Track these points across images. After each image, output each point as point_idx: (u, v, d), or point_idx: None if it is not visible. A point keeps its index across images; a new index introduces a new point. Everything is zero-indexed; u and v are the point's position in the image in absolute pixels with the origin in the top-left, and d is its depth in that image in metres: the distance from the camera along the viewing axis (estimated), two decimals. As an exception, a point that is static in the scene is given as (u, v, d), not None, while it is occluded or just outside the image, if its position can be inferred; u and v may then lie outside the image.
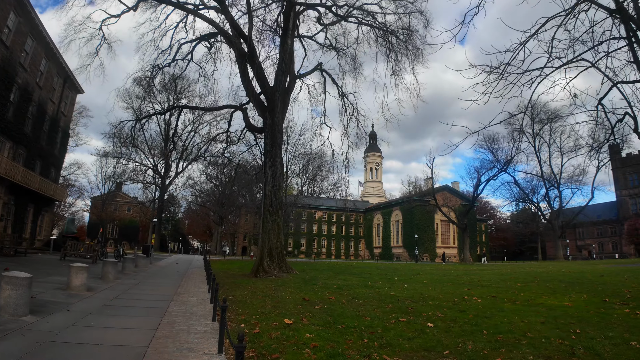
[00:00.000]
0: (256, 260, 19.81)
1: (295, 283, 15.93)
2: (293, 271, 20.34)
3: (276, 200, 20.38)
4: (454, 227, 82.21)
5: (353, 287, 14.82)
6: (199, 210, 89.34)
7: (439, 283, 18.49)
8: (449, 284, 18.08)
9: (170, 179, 65.62)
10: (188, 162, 66.03)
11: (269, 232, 19.91)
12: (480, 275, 25.24)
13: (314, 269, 28.97)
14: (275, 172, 20.71)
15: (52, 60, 32.58)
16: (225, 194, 74.75)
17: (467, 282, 18.94)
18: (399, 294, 13.28)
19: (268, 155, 21.01)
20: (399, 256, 78.45)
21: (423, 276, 23.45)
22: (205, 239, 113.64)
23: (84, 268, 11.67)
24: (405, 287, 16.07)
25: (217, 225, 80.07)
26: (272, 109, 21.99)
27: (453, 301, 11.68)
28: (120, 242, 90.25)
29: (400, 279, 20.65)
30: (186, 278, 18.13)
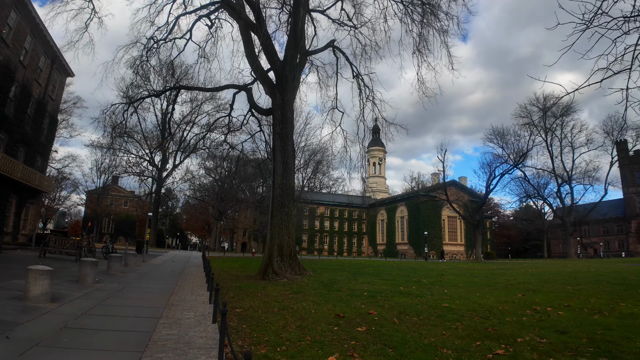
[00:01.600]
0: (264, 259, 17.05)
1: (314, 289, 13.13)
2: (307, 272, 17.58)
3: (287, 190, 17.60)
4: (461, 224, 79.66)
5: (388, 295, 12.03)
6: (197, 204, 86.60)
7: (479, 287, 15.84)
8: (491, 287, 15.39)
9: (167, 171, 62.76)
10: (186, 154, 63.19)
11: (279, 227, 17.12)
12: (512, 275, 22.67)
13: (324, 268, 26.22)
14: (286, 157, 17.93)
15: (38, 38, 29.67)
16: (225, 188, 71.98)
17: (509, 285, 16.46)
18: (451, 304, 10.51)
19: (277, 138, 18.20)
20: (404, 253, 75.72)
21: (451, 277, 20.79)
22: (204, 234, 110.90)
23: (45, 272, 8.89)
24: (447, 293, 13.32)
25: (216, 221, 77.30)
26: (282, 86, 19.16)
27: (529, 314, 9.06)
28: (116, 237, 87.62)
29: (430, 281, 17.94)
30: (182, 280, 15.34)
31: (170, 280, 15.44)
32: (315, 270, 20.83)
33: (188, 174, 73.44)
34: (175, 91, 27.48)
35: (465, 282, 18.19)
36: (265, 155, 39.52)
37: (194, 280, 15.75)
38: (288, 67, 19.51)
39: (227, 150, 44.31)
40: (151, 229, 63.80)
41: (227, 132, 25.73)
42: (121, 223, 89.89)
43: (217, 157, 66.49)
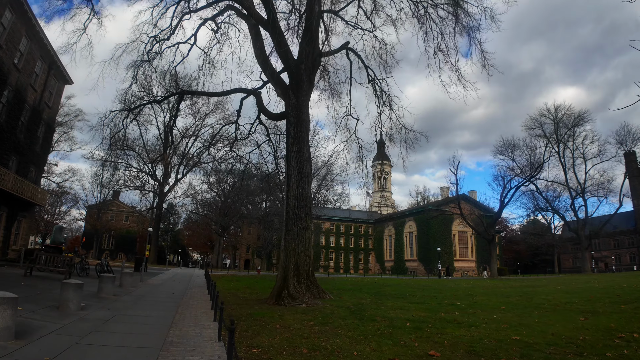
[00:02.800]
0: (278, 280, 14.89)
1: (342, 317, 10.95)
2: (326, 295, 15.38)
3: (303, 201, 15.52)
4: (472, 239, 77.34)
5: (436, 326, 9.86)
6: (199, 220, 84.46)
7: (524, 309, 14.02)
8: (540, 310, 13.75)
9: (169, 185, 60.79)
10: (189, 168, 61.27)
11: (295, 243, 14.99)
12: (547, 294, 20.71)
13: (339, 288, 23.99)
14: (302, 163, 15.90)
15: (34, 41, 28.03)
16: (229, 203, 69.91)
17: (556, 306, 14.75)
18: (519, 334, 8.45)
19: (292, 143, 16.18)
20: (413, 270, 73.16)
21: (483, 298, 18.75)
22: (206, 250, 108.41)
23: (7, 300, 6.80)
24: (497, 318, 11.36)
25: (219, 237, 75.03)
26: (297, 86, 17.24)
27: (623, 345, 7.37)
28: (116, 254, 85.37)
29: (465, 304, 15.82)
30: (184, 306, 13.17)
31: (169, 305, 13.27)
32: (330, 291, 18.65)
33: (190, 189, 71.50)
34: (178, 98, 25.63)
35: (504, 303, 16.23)
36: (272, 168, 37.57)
37: (197, 305, 13.59)
38: (303, 65, 17.61)
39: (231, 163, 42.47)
40: (152, 245, 61.63)
41: (233, 140, 23.74)
42: (122, 239, 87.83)
43: (221, 171, 64.78)
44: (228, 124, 23.12)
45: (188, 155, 59.37)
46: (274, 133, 27.30)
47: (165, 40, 21.60)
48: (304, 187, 15.69)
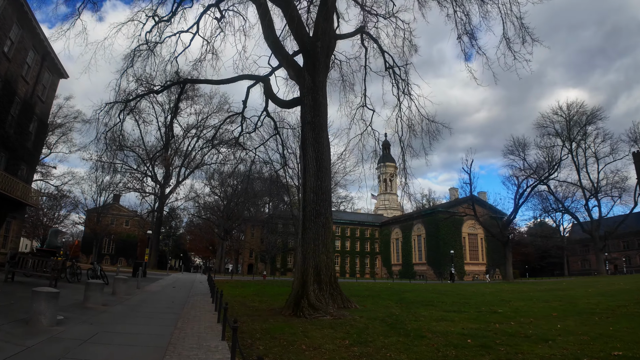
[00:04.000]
0: (294, 287, 12.77)
1: (383, 334, 8.82)
2: (352, 304, 13.20)
3: (323, 195, 13.40)
4: (483, 242, 75.04)
5: (505, 341, 7.77)
6: (201, 224, 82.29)
7: (581, 315, 12.35)
8: (602, 316, 11.76)
9: (170, 187, 58.68)
10: (191, 170, 59.20)
11: (314, 244, 12.85)
12: (583, 296, 18.76)
13: (355, 294, 21.73)
14: (320, 151, 13.80)
15: (26, 30, 26.04)
16: (232, 205, 67.78)
17: (609, 311, 13.10)
18: (618, 349, 6.51)
19: (308, 129, 14.09)
20: (422, 274, 70.73)
21: (520, 304, 16.83)
22: (208, 255, 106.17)
23: None
24: (562, 328, 9.52)
25: (222, 241, 72.84)
26: (313, 66, 15.16)
27: None
28: (117, 258, 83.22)
29: (507, 310, 14.12)
30: (184, 318, 11.04)
31: (167, 318, 11.15)
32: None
33: (192, 192, 69.29)
34: (179, 88, 23.64)
35: (549, 309, 14.50)
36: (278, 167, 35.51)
37: (200, 317, 11.47)
38: (319, 43, 15.55)
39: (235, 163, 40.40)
40: (152, 249, 59.50)
41: (239, 133, 21.64)
42: (122, 243, 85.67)
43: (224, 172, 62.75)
44: (233, 115, 21.05)
45: (190, 156, 57.25)
46: (281, 127, 25.26)
47: (164, 21, 19.62)
48: (323, 179, 13.58)
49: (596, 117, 64.26)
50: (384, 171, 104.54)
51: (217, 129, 22.76)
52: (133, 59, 19.37)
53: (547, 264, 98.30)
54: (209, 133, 52.90)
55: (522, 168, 62.11)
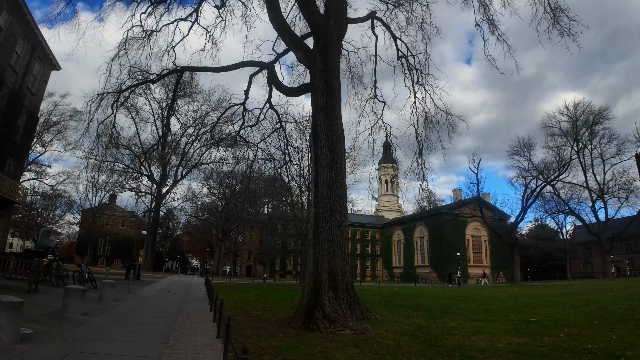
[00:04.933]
0: (305, 295, 11.12)
1: (421, 355, 7.19)
2: (371, 314, 11.54)
3: (337, 189, 11.78)
4: (487, 244, 73.53)
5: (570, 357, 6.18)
6: (199, 225, 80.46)
7: (623, 322, 11.23)
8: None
9: (167, 186, 56.93)
10: (189, 169, 57.44)
11: (329, 245, 11.21)
12: (611, 302, 17.28)
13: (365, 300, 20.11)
14: (334, 140, 12.18)
15: (16, 16, 24.45)
16: (230, 206, 66.02)
17: None
18: None
19: (320, 115, 12.47)
20: (425, 277, 69.09)
21: (549, 310, 15.44)
22: (205, 257, 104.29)
23: None
24: (620, 339, 7.92)
25: (220, 242, 71.07)
26: (325, 47, 13.53)
27: None
28: (112, 260, 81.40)
29: (540, 318, 12.62)
30: (177, 333, 9.39)
31: (158, 331, 9.52)
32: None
33: (190, 192, 67.45)
34: (177, 77, 22.03)
35: (582, 315, 13.43)
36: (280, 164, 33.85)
37: (197, 330, 9.84)
38: (332, 21, 13.95)
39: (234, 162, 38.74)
40: (147, 250, 57.78)
41: (240, 125, 19.96)
42: (118, 244, 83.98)
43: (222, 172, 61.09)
44: (235, 105, 19.42)
45: (187, 155, 55.46)
46: (284, 120, 23.64)
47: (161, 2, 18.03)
48: (338, 171, 11.95)
49: (603, 117, 62.79)
50: (385, 172, 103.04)
51: (218, 119, 21.12)
52: (126, 42, 17.77)
53: (548, 266, 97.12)
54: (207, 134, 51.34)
55: (527, 169, 60.73)
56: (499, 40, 18.40)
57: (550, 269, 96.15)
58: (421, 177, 18.39)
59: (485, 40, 19.01)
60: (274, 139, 33.10)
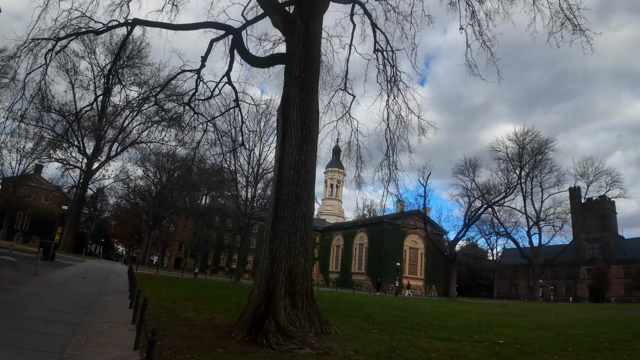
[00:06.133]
0: (254, 299, 8.99)
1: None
2: (331, 327, 9.59)
3: (307, 175, 9.77)
4: (422, 257, 74.64)
5: None
6: (129, 209, 74.91)
7: (598, 351, 10.26)
8: (618, 351, 9.90)
9: (99, 162, 51.99)
10: (125, 147, 52.84)
11: (289, 240, 9.16)
12: (567, 326, 16.37)
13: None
14: (308, 116, 10.19)
15: None
16: (166, 192, 61.80)
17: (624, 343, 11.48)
18: None
19: (295, 87, 10.43)
20: (360, 284, 68.48)
21: (508, 331, 14.21)
22: (132, 244, 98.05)
23: None
24: None
25: (150, 229, 66.38)
26: (309, 11, 11.52)
27: None
28: (30, 237, 74.10)
29: (509, 341, 11.46)
30: (81, 336, 7.00)
31: (56, 333, 7.07)
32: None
33: (123, 172, 62.22)
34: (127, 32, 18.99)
35: (551, 340, 12.37)
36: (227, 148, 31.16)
37: (109, 334, 7.48)
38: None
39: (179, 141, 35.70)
40: (68, 229, 52.65)
41: (192, 94, 17.40)
42: (38, 220, 76.32)
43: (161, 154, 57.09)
44: (188, 71, 16.85)
45: (125, 131, 50.84)
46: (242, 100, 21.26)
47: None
48: (309, 153, 9.97)
49: (548, 147, 65.65)
50: (331, 176, 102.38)
51: (167, 82, 18.31)
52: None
53: (476, 284, 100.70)
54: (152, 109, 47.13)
55: (469, 188, 61.86)
56: (482, 47, 17.07)
57: (477, 286, 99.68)
58: (387, 180, 16.83)
59: (469, 45, 17.72)
60: (225, 123, 30.59)
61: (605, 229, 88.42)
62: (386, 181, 16.86)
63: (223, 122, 29.58)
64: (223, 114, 21.40)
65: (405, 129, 17.84)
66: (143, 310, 6.31)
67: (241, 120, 20.19)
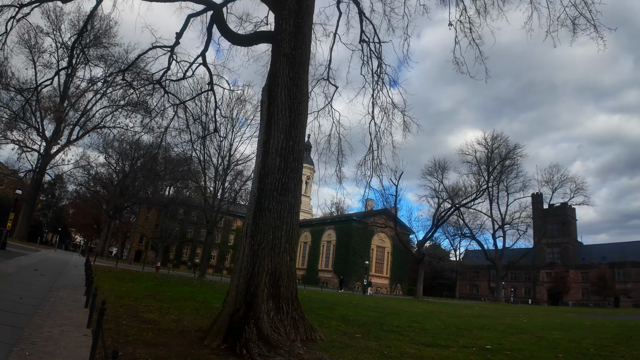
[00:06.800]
0: (230, 301, 7.92)
1: None
2: (317, 333, 8.56)
3: (294, 163, 8.72)
4: (389, 256, 74.91)
5: None
6: (89, 198, 71.33)
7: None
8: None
9: (59, 146, 48.90)
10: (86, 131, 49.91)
11: (274, 235, 8.12)
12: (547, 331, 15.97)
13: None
14: (298, 98, 9.14)
15: None
16: (128, 180, 59.07)
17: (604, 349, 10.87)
18: None
19: (284, 64, 9.34)
20: (327, 282, 67.99)
21: (489, 335, 13.49)
22: (91, 234, 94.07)
23: None
24: None
25: (110, 219, 63.34)
26: (302, -14, 10.49)
27: None
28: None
29: (496, 346, 10.62)
30: (26, 344, 5.76)
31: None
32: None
33: (84, 159, 58.85)
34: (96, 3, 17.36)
35: (533, 345, 11.85)
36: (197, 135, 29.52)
37: (59, 341, 6.28)
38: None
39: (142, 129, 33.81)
40: (23, 216, 49.56)
41: (163, 73, 15.99)
42: (-11, 206, 71.59)
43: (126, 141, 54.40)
44: (161, 47, 15.42)
45: (89, 114, 47.87)
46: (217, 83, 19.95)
47: None
48: (297, 139, 8.93)
49: (516, 153, 66.73)
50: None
51: (137, 58, 16.69)
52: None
53: (438, 284, 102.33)
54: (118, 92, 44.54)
55: (437, 190, 62.08)
56: (470, 45, 16.37)
57: (439, 286, 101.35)
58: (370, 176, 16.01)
59: (458, 41, 17.02)
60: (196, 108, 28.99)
61: (566, 234, 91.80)
62: (369, 176, 15.99)
63: (194, 107, 28.06)
64: (195, 97, 20.08)
65: (390, 123, 17.06)
66: (101, 316, 5.16)
67: (215, 105, 18.92)
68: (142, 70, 18.94)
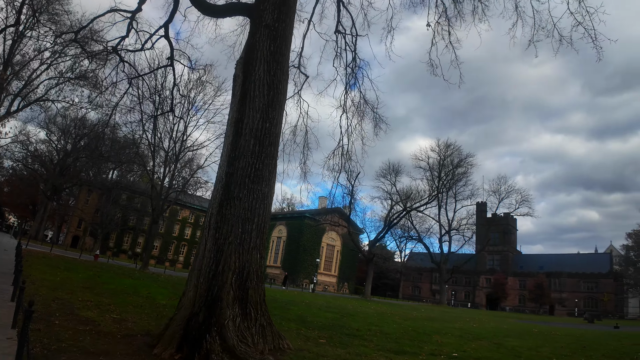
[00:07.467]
0: (187, 303, 6.77)
1: None
2: (284, 341, 7.51)
3: (270, 148, 7.64)
4: (338, 255, 74.93)
5: None
6: (25, 175, 66.27)
7: None
8: None
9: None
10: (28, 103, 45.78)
11: (242, 229, 7.09)
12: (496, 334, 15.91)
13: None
14: (277, 75, 8.07)
15: None
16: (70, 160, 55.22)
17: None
18: None
19: (265, 36, 8.24)
20: (274, 278, 66.78)
21: (450, 341, 13.04)
22: (26, 215, 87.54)
23: None
24: None
25: (47, 200, 59.00)
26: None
27: None
28: None
29: (463, 355, 9.93)
30: None
31: None
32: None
33: (23, 133, 54.29)
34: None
35: (493, 351, 11.25)
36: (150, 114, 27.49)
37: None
38: None
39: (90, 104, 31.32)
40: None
41: (120, 40, 14.32)
42: None
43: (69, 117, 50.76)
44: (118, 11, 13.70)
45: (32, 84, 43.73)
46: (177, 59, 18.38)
47: None
48: (275, 121, 7.89)
49: (466, 162, 68.43)
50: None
51: (92, 20, 14.74)
52: None
53: (382, 284, 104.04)
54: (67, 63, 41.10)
55: (390, 192, 62.49)
56: (447, 48, 15.86)
57: (383, 286, 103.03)
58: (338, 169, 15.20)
59: (435, 43, 16.51)
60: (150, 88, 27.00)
61: (506, 243, 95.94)
62: (337, 171, 15.18)
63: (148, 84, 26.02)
64: (153, 71, 18.36)
65: (361, 118, 16.33)
66: (27, 320, 3.94)
67: (173, 82, 17.36)
68: (97, 35, 17.06)
